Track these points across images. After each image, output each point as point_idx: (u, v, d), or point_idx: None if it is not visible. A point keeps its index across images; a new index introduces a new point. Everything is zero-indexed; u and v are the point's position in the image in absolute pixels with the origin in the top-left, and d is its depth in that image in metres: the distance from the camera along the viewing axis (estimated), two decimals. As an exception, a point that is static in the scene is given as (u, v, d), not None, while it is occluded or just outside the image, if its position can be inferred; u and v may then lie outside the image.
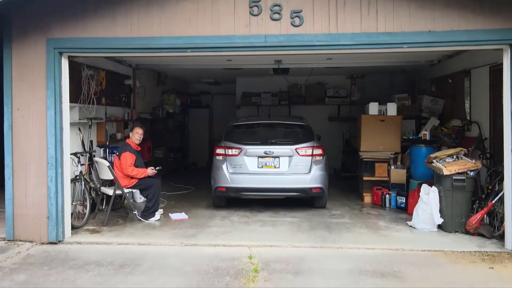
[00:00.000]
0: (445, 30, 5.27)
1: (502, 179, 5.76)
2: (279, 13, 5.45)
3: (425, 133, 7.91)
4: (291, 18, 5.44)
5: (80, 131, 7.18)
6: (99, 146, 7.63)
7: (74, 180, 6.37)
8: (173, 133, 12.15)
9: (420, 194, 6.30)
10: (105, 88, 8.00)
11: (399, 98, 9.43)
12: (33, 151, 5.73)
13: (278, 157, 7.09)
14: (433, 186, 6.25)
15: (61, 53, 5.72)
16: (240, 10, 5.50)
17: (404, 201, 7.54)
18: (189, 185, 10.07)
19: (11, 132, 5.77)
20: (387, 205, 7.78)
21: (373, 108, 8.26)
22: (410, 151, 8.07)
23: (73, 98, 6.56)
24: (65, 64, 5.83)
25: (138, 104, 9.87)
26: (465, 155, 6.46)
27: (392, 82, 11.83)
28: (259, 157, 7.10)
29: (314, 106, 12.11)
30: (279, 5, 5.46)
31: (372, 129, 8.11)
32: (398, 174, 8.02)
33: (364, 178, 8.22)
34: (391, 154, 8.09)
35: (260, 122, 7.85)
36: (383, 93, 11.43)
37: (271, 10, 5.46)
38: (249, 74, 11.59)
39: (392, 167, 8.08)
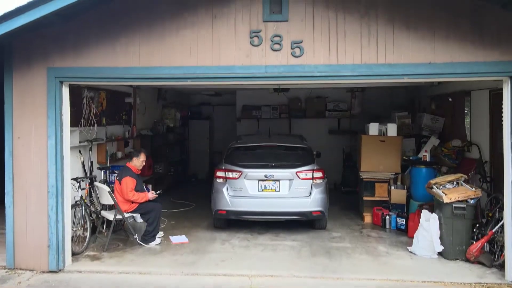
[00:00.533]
0: (445, 62, 5.27)
1: (502, 207, 5.77)
2: (279, 44, 5.46)
3: (425, 155, 7.92)
4: (292, 48, 5.45)
5: (81, 154, 7.19)
6: (100, 168, 7.64)
7: (74, 206, 6.37)
8: (173, 147, 12.15)
9: (421, 220, 6.30)
10: (105, 108, 8.01)
11: (399, 117, 9.44)
12: (33, 179, 5.74)
13: (278, 180, 7.10)
14: (433, 213, 6.26)
15: (61, 82, 5.73)
16: (241, 40, 5.51)
17: (404, 222, 7.54)
18: (190, 200, 10.07)
19: (12, 160, 5.78)
20: (387, 226, 7.78)
21: (373, 128, 8.27)
22: (410, 171, 8.08)
23: (74, 122, 6.58)
24: (65, 93, 5.83)
25: (138, 120, 9.88)
26: (465, 181, 6.46)
27: (392, 96, 11.81)
28: (259, 180, 7.11)
29: (314, 119, 12.13)
30: (279, 36, 5.46)
31: (372, 149, 8.12)
32: (398, 195, 8.03)
33: (365, 198, 8.23)
34: (391, 174, 8.10)
35: (261, 144, 7.84)
36: (383, 107, 11.48)
37: (272, 41, 5.47)
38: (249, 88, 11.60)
39: (392, 187, 8.09)
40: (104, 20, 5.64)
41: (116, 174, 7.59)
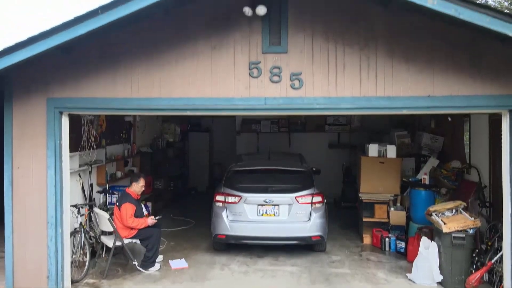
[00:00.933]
0: (444, 95, 5.27)
1: (501, 236, 5.77)
2: (278, 76, 5.46)
3: (425, 177, 7.92)
4: (291, 80, 5.45)
5: (80, 177, 7.20)
6: (99, 192, 7.64)
7: (74, 233, 6.37)
8: (173, 162, 12.12)
9: (420, 248, 6.31)
10: (105, 129, 8.01)
11: (399, 136, 9.44)
12: (33, 210, 5.73)
13: (278, 205, 7.10)
14: (432, 241, 6.27)
15: (61, 112, 5.73)
16: (240, 72, 5.51)
17: (403, 246, 7.54)
18: (189, 216, 10.07)
19: (11, 190, 5.78)
20: (387, 248, 7.78)
21: (373, 149, 8.27)
22: (409, 193, 8.09)
23: (73, 147, 6.58)
24: (65, 122, 5.83)
25: (138, 138, 9.89)
26: (464, 208, 6.46)
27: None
28: (259, 205, 7.11)
29: (314, 133, 12.18)
30: (278, 68, 5.47)
31: (372, 170, 8.13)
32: (397, 216, 8.03)
33: (364, 219, 8.23)
34: (391, 196, 8.10)
35: (260, 168, 7.82)
36: (383, 121, 11.47)
37: (271, 73, 5.47)
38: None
39: (392, 208, 8.09)
40: (104, 51, 5.64)
41: (115, 195, 7.62)
